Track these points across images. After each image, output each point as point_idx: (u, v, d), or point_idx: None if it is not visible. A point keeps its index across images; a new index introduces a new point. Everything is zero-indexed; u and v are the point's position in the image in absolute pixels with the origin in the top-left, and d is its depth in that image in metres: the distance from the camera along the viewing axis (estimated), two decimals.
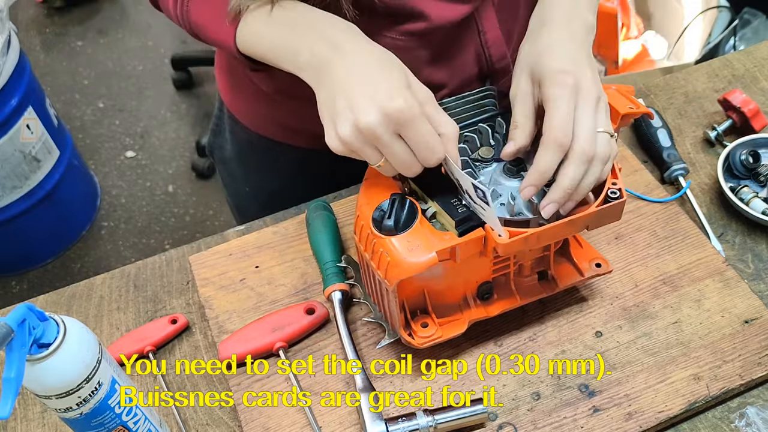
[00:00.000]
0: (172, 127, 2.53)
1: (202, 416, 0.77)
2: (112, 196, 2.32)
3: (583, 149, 0.66)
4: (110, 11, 2.97)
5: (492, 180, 0.71)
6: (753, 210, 0.88)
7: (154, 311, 0.87)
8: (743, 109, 0.97)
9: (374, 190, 0.71)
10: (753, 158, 0.92)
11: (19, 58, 1.79)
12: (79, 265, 2.14)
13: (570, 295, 0.82)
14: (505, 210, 0.68)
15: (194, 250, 0.92)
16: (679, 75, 1.09)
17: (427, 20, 0.80)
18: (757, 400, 0.75)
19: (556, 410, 0.73)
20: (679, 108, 1.05)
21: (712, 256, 0.84)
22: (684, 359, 0.76)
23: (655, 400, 0.73)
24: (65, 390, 0.58)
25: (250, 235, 0.91)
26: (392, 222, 0.66)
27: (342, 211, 0.92)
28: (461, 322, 0.75)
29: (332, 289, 0.80)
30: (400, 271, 0.65)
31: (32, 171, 1.89)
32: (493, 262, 0.73)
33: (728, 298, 0.80)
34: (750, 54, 1.11)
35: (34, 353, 0.55)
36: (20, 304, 0.54)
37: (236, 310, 0.83)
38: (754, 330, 0.78)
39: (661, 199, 0.90)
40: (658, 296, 0.81)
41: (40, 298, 0.89)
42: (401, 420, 0.70)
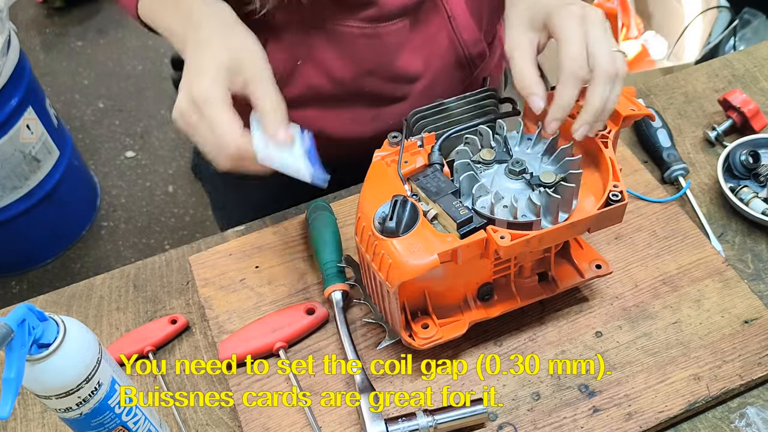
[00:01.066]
0: (172, 127, 2.52)
1: (202, 416, 0.77)
2: (112, 196, 2.32)
3: (606, 70, 0.68)
4: (110, 11, 2.97)
5: (494, 182, 0.71)
6: (753, 210, 0.88)
7: (154, 311, 0.87)
8: (743, 109, 0.97)
9: (376, 191, 0.71)
10: (753, 158, 0.92)
11: (19, 58, 1.79)
12: (79, 265, 2.14)
13: (570, 296, 0.82)
14: (508, 212, 0.68)
15: (194, 250, 0.92)
16: (679, 75, 1.09)
17: (376, 6, 0.81)
18: (757, 400, 0.75)
19: (556, 410, 0.73)
20: (679, 108, 1.05)
21: (712, 256, 0.84)
22: (684, 359, 0.76)
23: (655, 400, 0.73)
24: (65, 390, 0.58)
25: (250, 235, 0.91)
26: (394, 224, 0.66)
27: (342, 211, 0.92)
28: (462, 323, 0.75)
29: (332, 289, 0.80)
30: (401, 273, 0.65)
31: (32, 171, 1.89)
32: (494, 264, 0.73)
33: (728, 298, 0.80)
34: (750, 54, 1.11)
35: (34, 353, 0.55)
36: (20, 304, 0.54)
37: (236, 310, 0.83)
38: (754, 330, 0.78)
39: (661, 199, 0.90)
40: (658, 296, 0.81)
41: (40, 298, 0.90)
42: (401, 420, 0.70)
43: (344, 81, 0.88)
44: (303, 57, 0.86)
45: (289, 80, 0.88)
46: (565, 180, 0.68)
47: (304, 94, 0.89)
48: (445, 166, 0.73)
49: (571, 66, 0.68)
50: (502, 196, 0.69)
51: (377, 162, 0.74)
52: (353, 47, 0.86)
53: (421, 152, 0.75)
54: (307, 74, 0.88)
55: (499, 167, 0.72)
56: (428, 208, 0.69)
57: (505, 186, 0.71)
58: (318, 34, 0.84)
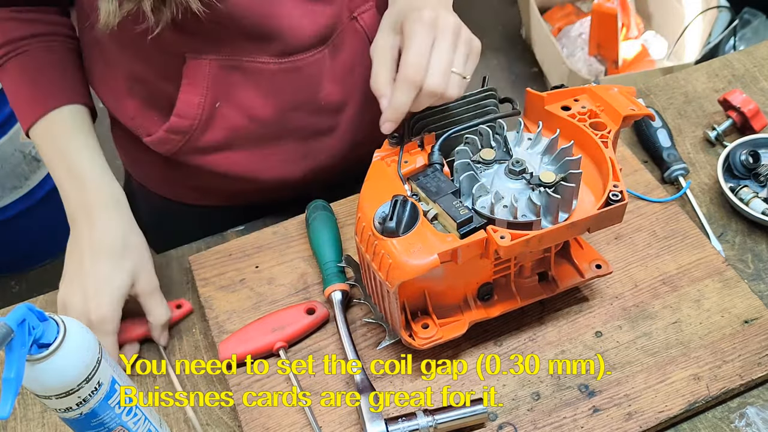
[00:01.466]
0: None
1: (202, 416, 0.77)
2: None
3: (432, 88, 0.68)
4: None
5: (494, 182, 0.71)
6: (753, 210, 0.88)
7: None
8: (743, 109, 0.97)
9: (376, 191, 0.71)
10: (753, 158, 0.92)
11: None
12: None
13: (570, 296, 0.82)
14: (508, 212, 0.68)
15: (194, 250, 0.92)
16: (679, 75, 1.09)
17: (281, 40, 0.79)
18: (757, 400, 0.75)
19: (556, 410, 0.73)
20: (679, 108, 1.05)
21: (712, 256, 0.84)
22: (684, 359, 0.76)
23: (655, 400, 0.73)
24: (65, 390, 0.58)
25: (250, 235, 0.91)
26: (394, 224, 0.66)
27: (342, 211, 0.92)
28: (462, 323, 0.75)
29: (332, 289, 0.80)
30: (401, 273, 0.65)
31: (32, 171, 1.89)
32: (494, 264, 0.73)
33: (728, 298, 0.80)
34: (750, 54, 1.11)
35: (34, 353, 0.55)
36: (20, 304, 0.54)
37: (236, 310, 0.83)
38: (754, 330, 0.78)
39: (661, 199, 0.90)
40: (658, 296, 0.81)
41: (40, 298, 0.90)
42: (401, 420, 0.70)
43: (267, 120, 0.85)
44: (221, 98, 0.82)
45: (209, 124, 0.83)
46: (565, 180, 0.68)
47: (228, 137, 0.85)
48: (445, 166, 0.73)
49: (405, 71, 0.68)
50: (502, 196, 0.69)
51: (377, 162, 0.74)
52: (273, 83, 0.82)
53: (421, 152, 0.75)
54: (227, 116, 0.83)
55: (499, 167, 0.72)
56: (428, 208, 0.69)
57: (505, 186, 0.71)
58: (235, 73, 0.80)
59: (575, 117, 0.75)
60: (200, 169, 0.89)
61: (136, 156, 0.97)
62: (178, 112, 0.82)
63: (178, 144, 0.85)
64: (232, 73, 0.80)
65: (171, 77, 0.80)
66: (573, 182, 0.68)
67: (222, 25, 0.75)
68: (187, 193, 0.98)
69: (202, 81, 0.80)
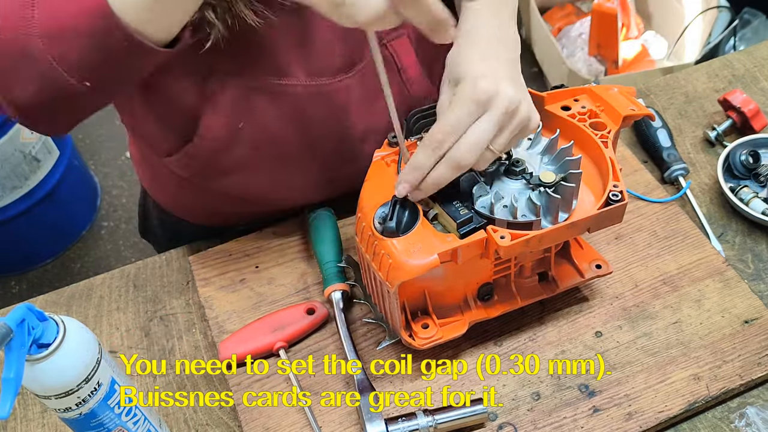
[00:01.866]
0: None
1: (202, 416, 0.77)
2: (112, 196, 2.32)
3: (455, 158, 0.63)
4: None
5: (494, 182, 0.71)
6: (753, 210, 0.88)
7: (154, 311, 0.87)
8: (743, 109, 0.97)
9: (376, 192, 0.71)
10: (753, 158, 0.92)
11: None
12: (79, 265, 2.14)
13: (570, 296, 0.82)
14: (508, 212, 0.68)
15: (194, 250, 0.92)
16: (679, 75, 1.09)
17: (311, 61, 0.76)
18: (757, 400, 0.75)
19: (556, 410, 0.73)
20: (679, 108, 1.05)
21: (712, 257, 0.84)
22: (684, 359, 0.76)
23: (655, 400, 0.73)
24: (65, 390, 0.58)
25: (250, 235, 0.91)
26: (394, 224, 0.66)
27: (342, 211, 0.91)
28: (462, 323, 0.75)
29: (332, 289, 0.80)
30: (401, 273, 0.65)
31: (32, 171, 1.89)
32: (494, 264, 0.73)
33: (728, 298, 0.80)
34: (750, 54, 1.11)
35: (33, 353, 0.55)
36: (20, 304, 0.54)
37: (236, 310, 0.83)
38: (754, 330, 0.78)
39: (661, 200, 0.90)
40: (658, 296, 0.81)
41: (39, 298, 0.90)
42: (401, 420, 0.70)
43: (291, 144, 0.81)
44: (246, 120, 0.78)
45: (231, 145, 0.80)
46: (565, 180, 0.68)
47: (249, 158, 0.82)
48: None
49: (434, 136, 0.63)
50: (502, 196, 0.69)
51: (377, 162, 0.74)
52: (298, 107, 0.79)
53: None
54: (250, 138, 0.80)
55: (499, 167, 0.72)
56: (428, 208, 0.69)
57: (505, 186, 0.71)
58: (261, 96, 0.77)
59: (575, 117, 0.75)
60: (218, 192, 0.86)
61: (154, 175, 0.95)
62: (201, 133, 0.78)
63: (199, 164, 0.82)
64: (258, 96, 0.77)
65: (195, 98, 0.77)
66: (573, 182, 0.68)
67: (258, 44, 0.72)
68: (198, 214, 0.97)
69: (227, 102, 0.77)
